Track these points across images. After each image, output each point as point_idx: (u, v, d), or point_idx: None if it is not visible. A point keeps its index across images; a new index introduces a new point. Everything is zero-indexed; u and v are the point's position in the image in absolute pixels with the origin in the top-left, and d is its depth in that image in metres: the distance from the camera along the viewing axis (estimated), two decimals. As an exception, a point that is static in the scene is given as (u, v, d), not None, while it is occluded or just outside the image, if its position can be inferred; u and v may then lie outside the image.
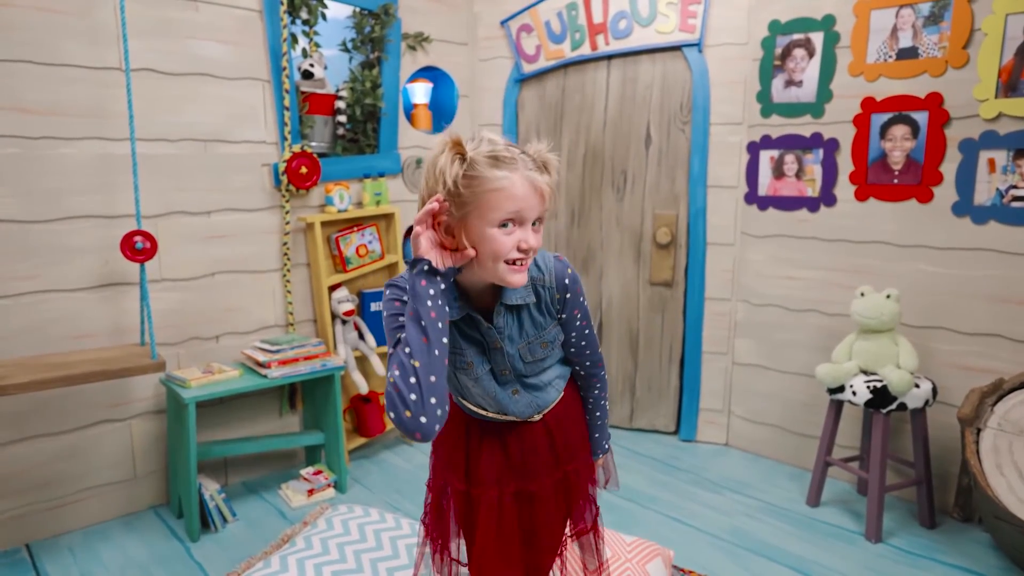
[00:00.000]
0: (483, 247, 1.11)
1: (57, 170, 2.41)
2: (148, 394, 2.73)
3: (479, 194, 1.08)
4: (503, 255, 1.11)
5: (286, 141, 2.92)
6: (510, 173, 1.09)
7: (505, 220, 1.10)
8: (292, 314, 3.07)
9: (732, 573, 2.35)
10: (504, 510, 1.32)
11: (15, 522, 2.46)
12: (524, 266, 1.14)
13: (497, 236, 1.10)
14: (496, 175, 1.08)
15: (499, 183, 1.08)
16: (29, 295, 2.41)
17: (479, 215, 1.09)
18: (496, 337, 1.24)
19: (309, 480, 2.89)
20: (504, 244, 1.10)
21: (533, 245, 1.12)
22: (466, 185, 1.07)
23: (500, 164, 1.09)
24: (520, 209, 1.10)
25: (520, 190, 1.09)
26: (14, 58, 2.29)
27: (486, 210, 1.08)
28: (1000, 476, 2.18)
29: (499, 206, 1.08)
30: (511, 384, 1.31)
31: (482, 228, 1.09)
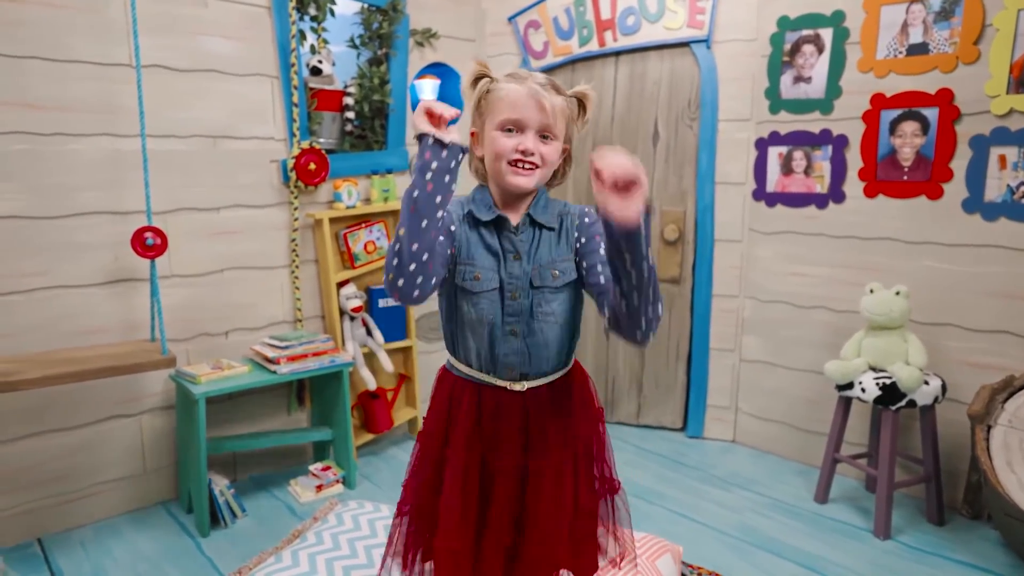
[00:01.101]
0: (489, 149, 1.27)
1: (67, 166, 2.42)
2: (158, 390, 2.74)
3: (491, 102, 1.26)
4: (504, 155, 1.24)
5: (294, 137, 2.93)
6: (517, 85, 1.24)
7: (506, 124, 1.24)
8: (300, 310, 3.07)
9: (741, 569, 2.35)
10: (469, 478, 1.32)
11: (27, 516, 2.47)
12: (528, 171, 1.25)
13: (498, 137, 1.25)
14: (503, 85, 1.26)
15: (504, 92, 1.25)
16: (40, 291, 2.42)
17: (489, 120, 1.26)
18: (517, 245, 1.30)
19: (318, 476, 2.90)
20: (504, 145, 1.24)
21: (531, 148, 1.24)
22: (484, 97, 1.27)
23: (511, 78, 1.27)
24: (520, 117, 1.23)
25: (520, 99, 1.23)
26: (23, 54, 2.29)
27: (492, 115, 1.26)
28: (1011, 473, 2.17)
29: (500, 110, 1.24)
30: (512, 319, 1.29)
31: (489, 132, 1.26)
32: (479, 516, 1.34)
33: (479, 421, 1.34)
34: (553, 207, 1.35)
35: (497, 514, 1.33)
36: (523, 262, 1.30)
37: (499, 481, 1.33)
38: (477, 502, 1.33)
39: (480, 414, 1.34)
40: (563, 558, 1.37)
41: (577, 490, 1.39)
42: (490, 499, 1.33)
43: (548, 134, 1.25)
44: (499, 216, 1.30)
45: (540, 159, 1.25)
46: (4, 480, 2.41)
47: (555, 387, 1.36)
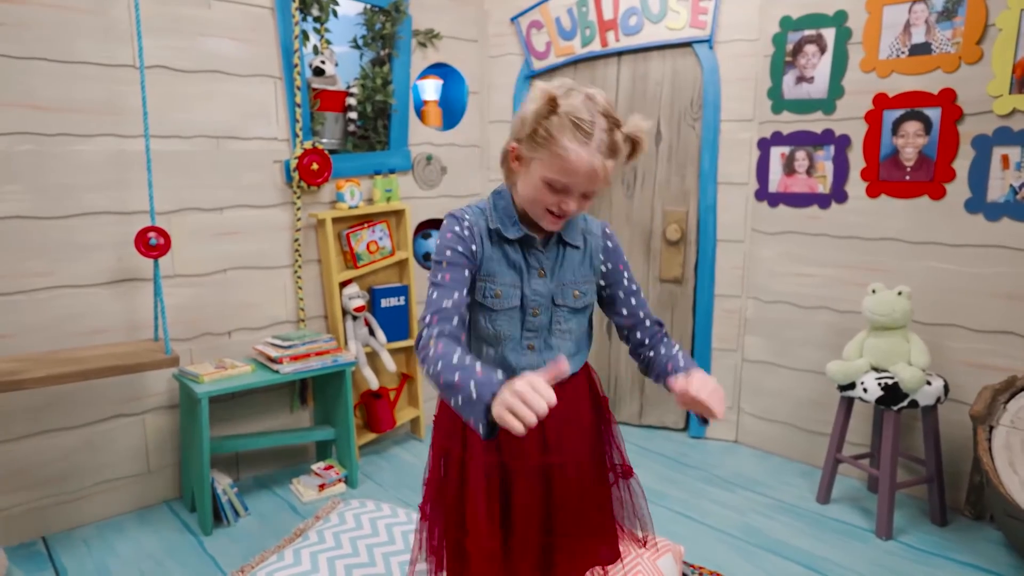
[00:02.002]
0: (531, 188, 1.23)
1: (71, 167, 2.44)
2: (161, 389, 2.75)
3: (547, 148, 1.18)
4: (541, 203, 1.23)
5: (297, 138, 2.94)
6: (579, 148, 1.16)
7: (556, 184, 1.20)
8: (303, 310, 3.08)
9: (743, 570, 2.35)
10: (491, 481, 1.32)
11: (31, 515, 2.49)
12: (558, 220, 1.25)
13: (543, 189, 1.21)
14: (566, 145, 1.16)
15: (565, 152, 1.16)
16: (44, 291, 2.43)
17: (539, 164, 1.20)
18: (542, 262, 1.30)
19: (320, 475, 2.90)
20: (545, 198, 1.22)
21: (568, 211, 1.22)
22: (543, 136, 1.18)
23: (576, 134, 1.16)
24: (571, 182, 1.19)
25: (579, 167, 1.17)
26: (29, 55, 2.31)
27: (545, 165, 1.19)
28: (1013, 473, 2.17)
29: (554, 170, 1.19)
30: (531, 335, 1.31)
31: (537, 175, 1.21)
32: (504, 517, 1.35)
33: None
34: (575, 224, 1.35)
35: (523, 514, 1.34)
36: (547, 279, 1.31)
37: (520, 481, 1.33)
38: (500, 503, 1.34)
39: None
40: (595, 548, 1.41)
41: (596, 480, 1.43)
42: (513, 500, 1.34)
43: (590, 195, 1.24)
44: (526, 236, 1.29)
45: (575, 211, 1.24)
46: (8, 479, 2.42)
47: (568, 388, 1.37)
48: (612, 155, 1.20)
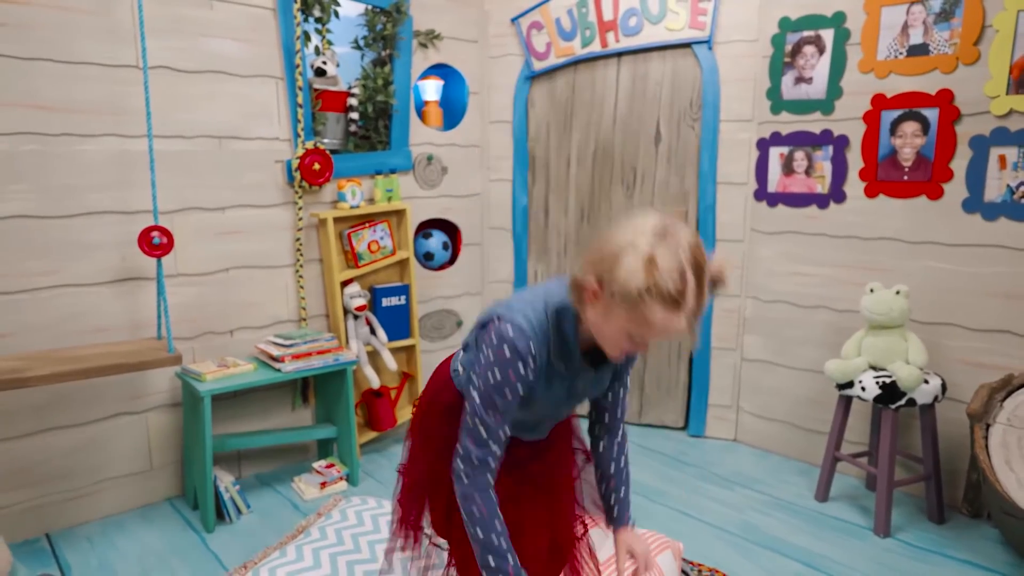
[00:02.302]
0: (608, 331, 1.17)
1: (75, 166, 2.45)
2: (164, 387, 2.77)
3: (637, 308, 1.10)
4: (616, 344, 1.18)
5: (299, 138, 2.96)
6: (669, 317, 1.10)
7: (638, 339, 1.16)
8: (305, 309, 3.10)
9: (741, 567, 2.37)
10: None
11: (35, 512, 2.51)
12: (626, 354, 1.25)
13: (623, 337, 1.16)
14: (658, 314, 1.10)
15: (654, 319, 1.10)
16: (48, 290, 2.45)
17: (624, 314, 1.12)
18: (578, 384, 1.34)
19: (322, 473, 2.92)
20: (624, 344, 1.18)
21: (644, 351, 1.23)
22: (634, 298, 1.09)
23: (668, 306, 1.09)
24: (653, 338, 1.15)
25: (665, 331, 1.12)
26: (33, 56, 2.33)
27: (629, 321, 1.12)
28: (1009, 471, 2.19)
29: (638, 327, 1.13)
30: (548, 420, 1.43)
31: (619, 322, 1.13)
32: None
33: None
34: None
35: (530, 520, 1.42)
36: (587, 386, 1.38)
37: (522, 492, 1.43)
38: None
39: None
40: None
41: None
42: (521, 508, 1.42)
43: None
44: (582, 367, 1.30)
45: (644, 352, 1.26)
46: (12, 476, 2.44)
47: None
48: (697, 315, 1.13)
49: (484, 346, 1.23)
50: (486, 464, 1.24)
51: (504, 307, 1.25)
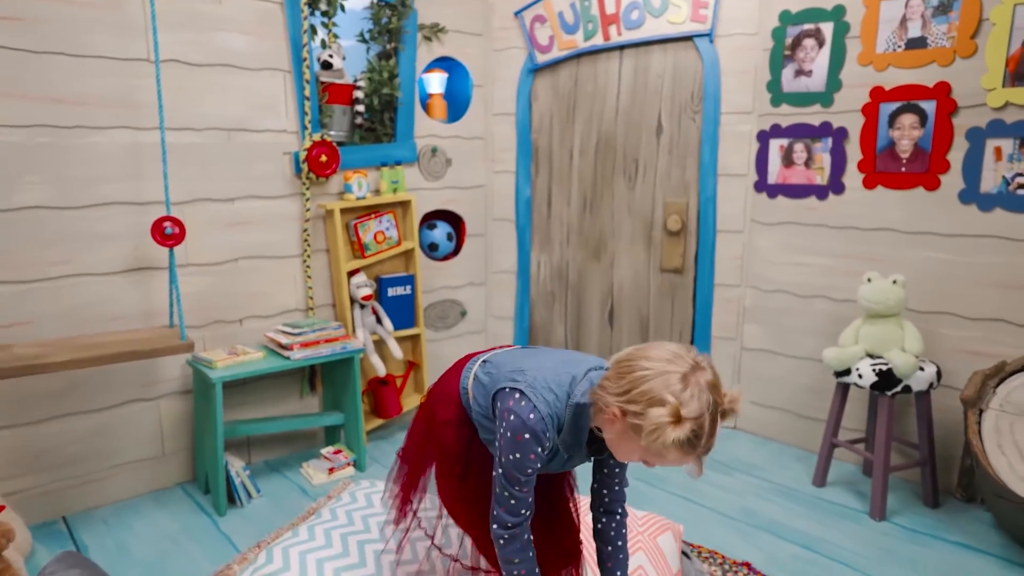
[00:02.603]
0: (624, 450, 1.29)
1: (89, 158, 2.51)
2: (175, 375, 2.83)
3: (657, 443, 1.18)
4: (630, 459, 1.32)
5: (306, 130, 3.00)
6: (683, 456, 1.21)
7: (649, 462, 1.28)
8: (312, 298, 3.16)
9: (740, 549, 2.43)
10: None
11: (53, 495, 2.57)
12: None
13: (636, 455, 1.28)
14: (672, 455, 1.21)
15: (669, 458, 1.22)
16: (63, 279, 2.51)
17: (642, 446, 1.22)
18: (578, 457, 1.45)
19: (329, 459, 2.99)
20: (636, 459, 1.30)
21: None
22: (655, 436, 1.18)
23: (685, 449, 1.19)
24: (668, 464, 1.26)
25: (676, 463, 1.24)
26: (47, 50, 2.38)
27: (647, 452, 1.23)
28: (1001, 455, 2.24)
29: (653, 456, 1.24)
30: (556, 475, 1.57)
31: (634, 447, 1.25)
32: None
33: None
34: None
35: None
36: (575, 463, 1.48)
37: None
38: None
39: None
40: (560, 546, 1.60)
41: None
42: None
43: None
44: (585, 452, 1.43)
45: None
46: (30, 460, 2.51)
47: None
48: (708, 452, 1.23)
49: (505, 423, 1.32)
50: (521, 527, 1.37)
51: (528, 381, 1.34)
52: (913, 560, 2.36)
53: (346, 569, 1.92)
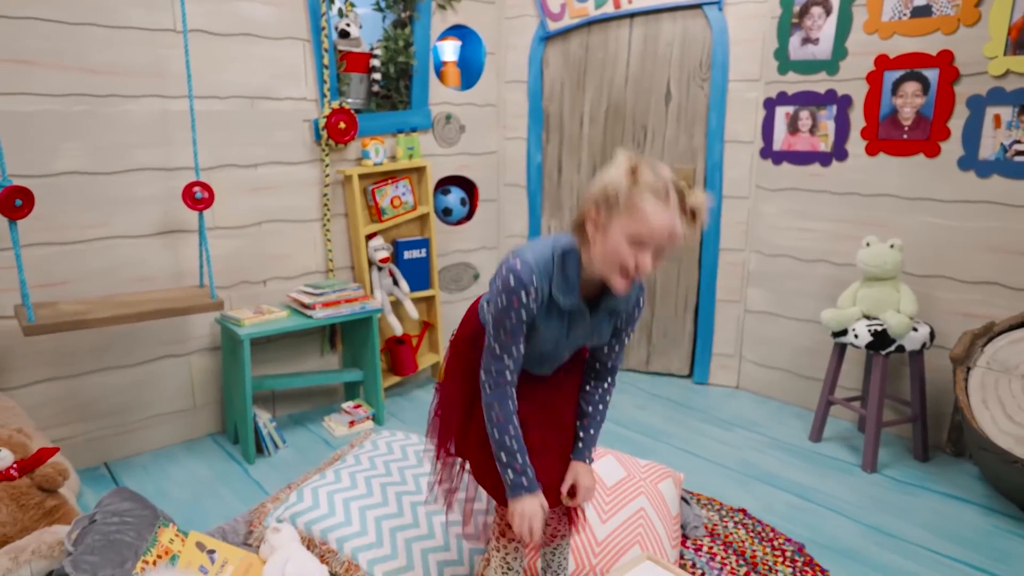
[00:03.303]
0: (612, 246, 1.31)
1: (121, 126, 2.63)
2: (204, 332, 2.99)
3: (630, 209, 1.28)
4: (621, 263, 1.31)
5: (325, 98, 3.11)
6: (659, 209, 1.27)
7: (637, 240, 1.29)
8: (332, 261, 3.30)
9: (737, 496, 2.59)
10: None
11: (96, 443, 2.76)
12: (629, 281, 1.35)
13: (624, 247, 1.30)
14: (650, 205, 1.27)
15: (648, 211, 1.27)
16: (100, 241, 2.66)
17: (621, 225, 1.29)
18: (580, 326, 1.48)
19: (350, 413, 3.16)
20: (626, 256, 1.30)
21: (645, 267, 1.31)
22: (626, 199, 1.28)
23: (658, 197, 1.27)
24: (652, 240, 1.29)
25: (659, 224, 1.27)
26: (81, 21, 2.48)
27: (627, 223, 1.29)
28: (985, 410, 2.37)
29: (638, 223, 1.28)
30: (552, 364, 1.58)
31: (618, 235, 1.30)
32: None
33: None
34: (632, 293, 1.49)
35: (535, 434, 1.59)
36: (579, 335, 1.52)
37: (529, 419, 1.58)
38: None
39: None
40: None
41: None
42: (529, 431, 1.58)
43: (662, 252, 1.33)
44: (580, 308, 1.45)
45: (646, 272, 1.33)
46: (76, 410, 2.69)
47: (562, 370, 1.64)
48: (689, 220, 1.29)
49: (497, 278, 1.43)
50: (503, 375, 1.45)
51: (518, 249, 1.45)
52: (900, 508, 2.51)
53: (370, 508, 2.10)
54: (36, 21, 2.39)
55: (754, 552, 2.24)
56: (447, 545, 2.04)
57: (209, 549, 1.86)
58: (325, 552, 1.97)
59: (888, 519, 2.44)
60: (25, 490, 2.01)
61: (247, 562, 1.89)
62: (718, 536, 2.33)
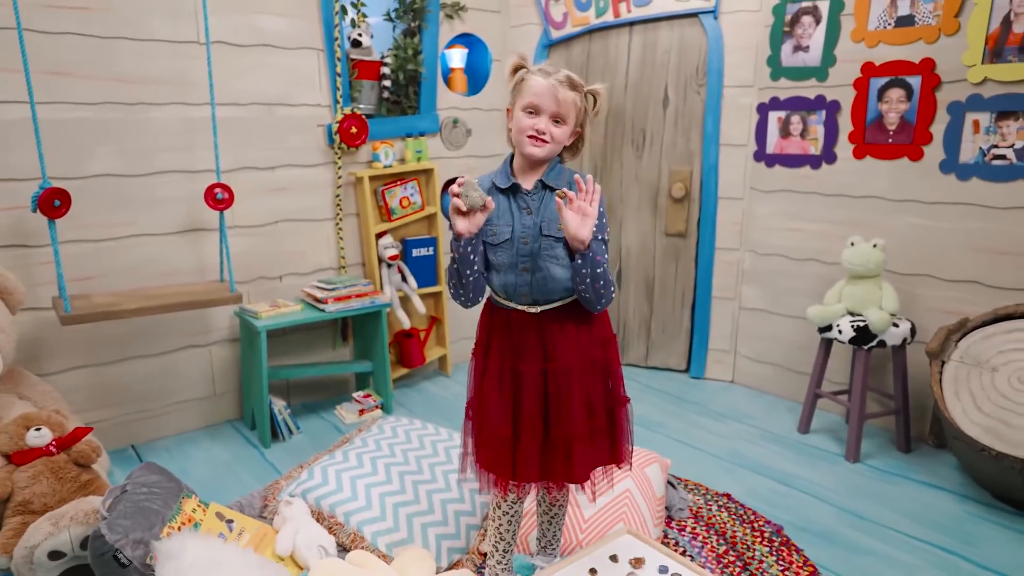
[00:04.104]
0: (515, 124, 1.64)
1: (149, 131, 2.83)
2: (224, 324, 3.19)
3: (521, 88, 1.62)
4: (524, 131, 1.61)
5: (338, 104, 3.29)
6: (541, 78, 1.59)
7: (528, 107, 1.60)
8: (344, 258, 3.49)
9: (723, 483, 2.73)
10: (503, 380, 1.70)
11: (123, 427, 2.97)
12: (540, 143, 1.61)
13: (522, 117, 1.62)
14: (531, 77, 1.60)
15: (530, 82, 1.60)
16: (128, 238, 2.86)
17: (518, 102, 1.63)
18: (529, 203, 1.65)
19: (360, 402, 3.34)
20: (524, 123, 1.61)
21: (543, 128, 1.59)
22: (518, 82, 1.63)
23: (539, 73, 1.60)
24: (539, 104, 1.59)
25: (542, 90, 1.58)
26: (113, 35, 2.68)
27: (521, 98, 1.62)
28: (957, 401, 2.49)
29: (526, 96, 1.60)
30: (525, 260, 1.65)
31: (518, 112, 1.63)
32: (515, 409, 1.70)
33: (507, 335, 1.70)
34: (564, 174, 1.69)
35: (528, 406, 1.68)
36: (534, 216, 1.65)
37: (525, 381, 1.68)
38: (511, 398, 1.69)
39: (507, 330, 1.70)
40: (577, 441, 1.69)
41: (590, 393, 1.71)
42: (520, 396, 1.69)
43: (559, 119, 1.60)
44: (514, 184, 1.66)
45: (550, 136, 1.60)
46: (105, 395, 2.90)
47: (564, 311, 1.69)
48: (571, 88, 1.59)
49: None
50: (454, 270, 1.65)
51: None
52: (878, 494, 2.64)
53: (375, 485, 2.27)
54: (72, 36, 2.59)
55: (735, 533, 2.39)
56: (446, 521, 2.21)
57: (228, 519, 2.04)
58: (333, 524, 2.15)
59: (865, 505, 2.57)
60: (63, 465, 2.21)
61: (262, 531, 2.07)
62: (702, 518, 2.47)
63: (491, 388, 1.70)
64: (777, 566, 2.20)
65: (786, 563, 2.22)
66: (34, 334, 2.68)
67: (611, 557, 1.86)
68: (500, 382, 1.69)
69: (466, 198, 1.53)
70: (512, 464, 1.69)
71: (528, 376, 1.67)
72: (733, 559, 2.24)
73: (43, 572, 1.95)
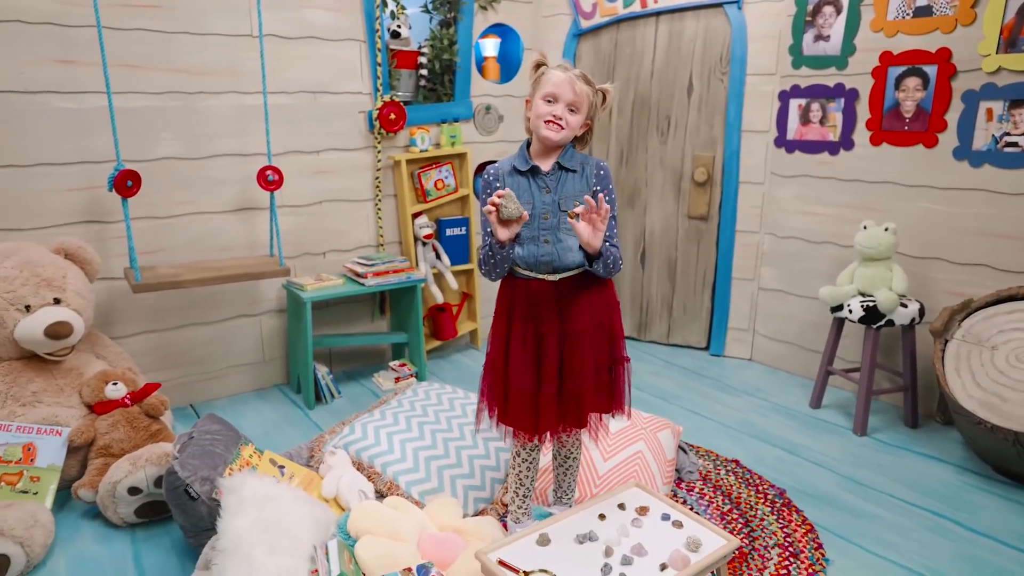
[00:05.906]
0: (534, 111, 1.85)
1: (207, 118, 3.09)
2: (272, 296, 3.46)
3: (541, 81, 1.84)
4: (542, 116, 1.82)
5: (378, 92, 3.51)
6: (561, 73, 1.82)
7: (547, 96, 1.82)
8: (382, 236, 3.73)
9: (731, 450, 2.91)
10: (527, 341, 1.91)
11: (183, 387, 3.27)
12: (557, 128, 1.81)
13: (540, 104, 1.83)
14: (551, 72, 1.83)
15: (550, 75, 1.82)
16: (188, 216, 3.13)
17: (537, 92, 1.85)
18: (548, 183, 1.86)
19: (396, 370, 3.59)
20: (543, 109, 1.82)
21: (559, 114, 1.80)
22: (539, 77, 1.85)
23: (558, 68, 1.83)
24: (557, 92, 1.80)
25: (560, 81, 1.80)
26: (176, 30, 2.94)
27: (540, 89, 1.84)
28: (957, 377, 2.63)
29: (545, 87, 1.82)
30: (545, 232, 1.86)
31: (538, 101, 1.84)
32: (536, 367, 1.92)
33: (529, 302, 1.91)
34: (577, 157, 1.91)
35: (547, 365, 1.91)
36: (552, 193, 1.87)
37: (546, 342, 1.91)
38: (533, 358, 1.92)
39: (529, 297, 1.91)
40: (586, 394, 1.92)
41: (598, 353, 1.94)
42: (542, 355, 1.92)
43: (574, 108, 1.82)
44: (533, 166, 1.87)
45: (565, 123, 1.81)
46: (169, 358, 3.20)
47: (579, 280, 1.90)
48: (586, 83, 1.82)
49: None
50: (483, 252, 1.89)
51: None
52: (880, 464, 2.79)
53: (409, 440, 2.52)
54: (141, 32, 2.86)
55: (739, 494, 2.57)
56: (472, 473, 2.45)
57: (280, 465, 2.31)
58: (371, 473, 2.40)
59: (867, 473, 2.73)
60: (136, 415, 2.51)
61: (309, 477, 2.33)
62: (710, 480, 2.66)
63: (516, 350, 1.91)
64: (777, 524, 2.39)
65: (785, 522, 2.40)
66: (107, 301, 2.98)
67: (619, 505, 2.06)
68: (523, 344, 1.91)
69: (504, 209, 1.72)
70: (535, 415, 1.91)
71: (548, 338, 1.89)
72: (736, 516, 2.43)
73: (123, 505, 2.25)
